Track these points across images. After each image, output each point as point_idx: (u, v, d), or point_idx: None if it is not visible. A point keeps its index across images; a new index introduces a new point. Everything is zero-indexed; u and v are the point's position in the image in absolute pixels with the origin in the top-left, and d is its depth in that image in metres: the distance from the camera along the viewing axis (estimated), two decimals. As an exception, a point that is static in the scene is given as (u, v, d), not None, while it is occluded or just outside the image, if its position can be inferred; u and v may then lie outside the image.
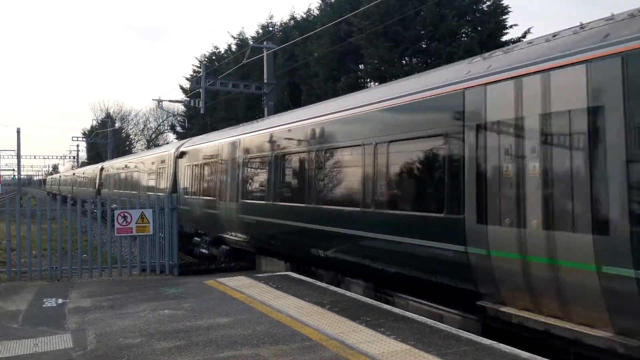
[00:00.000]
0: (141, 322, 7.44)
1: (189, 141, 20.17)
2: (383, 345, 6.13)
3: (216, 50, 49.18)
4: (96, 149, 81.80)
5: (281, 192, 11.80)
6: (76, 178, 52.64)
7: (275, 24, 40.54)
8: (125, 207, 11.52)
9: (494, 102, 6.65)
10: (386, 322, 7.05)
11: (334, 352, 5.93)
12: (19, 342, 6.67)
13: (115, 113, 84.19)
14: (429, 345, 6.04)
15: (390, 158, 8.38)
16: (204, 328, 7.06)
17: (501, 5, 27.92)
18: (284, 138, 11.85)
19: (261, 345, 6.25)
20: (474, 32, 27.20)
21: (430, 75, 8.69)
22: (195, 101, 29.76)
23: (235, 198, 13.85)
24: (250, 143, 13.59)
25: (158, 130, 78.47)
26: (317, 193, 10.27)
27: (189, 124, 46.61)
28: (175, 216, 11.93)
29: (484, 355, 5.70)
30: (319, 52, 31.25)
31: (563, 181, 5.81)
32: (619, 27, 5.60)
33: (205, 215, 16.05)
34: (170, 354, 6.04)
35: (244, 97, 37.82)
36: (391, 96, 8.67)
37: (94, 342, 6.59)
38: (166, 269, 11.67)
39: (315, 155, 10.41)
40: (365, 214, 8.83)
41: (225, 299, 8.79)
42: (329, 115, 10.26)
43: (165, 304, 8.55)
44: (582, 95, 5.64)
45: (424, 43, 28.58)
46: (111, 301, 8.89)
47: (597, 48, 5.60)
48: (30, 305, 8.79)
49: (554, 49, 6.19)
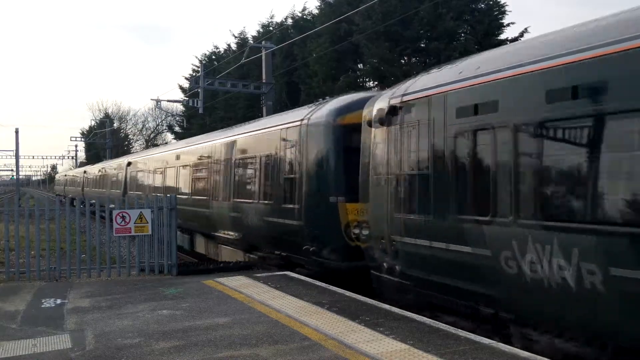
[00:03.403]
0: (140, 323, 7.43)
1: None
2: (382, 344, 6.12)
3: (216, 49, 49.25)
4: (95, 149, 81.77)
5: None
6: (90, 176, 42.69)
7: (276, 23, 40.56)
8: (124, 207, 11.50)
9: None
10: (385, 322, 7.05)
11: (333, 352, 5.93)
12: (18, 343, 6.66)
13: (113, 113, 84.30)
14: (428, 345, 6.04)
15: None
16: (202, 328, 7.05)
17: (498, 3, 27.96)
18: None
19: (260, 345, 6.24)
20: (471, 31, 27.24)
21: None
22: (194, 101, 29.75)
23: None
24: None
25: (157, 130, 78.55)
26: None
27: (187, 124, 46.62)
28: (174, 216, 11.92)
29: (483, 354, 5.70)
30: (318, 52, 31.26)
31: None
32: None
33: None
34: (169, 354, 6.03)
35: (244, 96, 37.82)
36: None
37: (92, 342, 6.58)
38: (165, 269, 11.67)
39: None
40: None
41: (224, 299, 8.78)
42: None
43: (163, 304, 8.54)
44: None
45: (423, 43, 28.64)
46: (110, 301, 8.88)
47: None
48: (29, 305, 8.77)
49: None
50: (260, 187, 13.07)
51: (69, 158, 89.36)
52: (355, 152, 9.79)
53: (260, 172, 13.05)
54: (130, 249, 11.94)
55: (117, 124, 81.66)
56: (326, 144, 10.78)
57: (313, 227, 10.87)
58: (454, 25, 27.03)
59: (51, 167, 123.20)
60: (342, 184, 10.46)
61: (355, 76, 31.73)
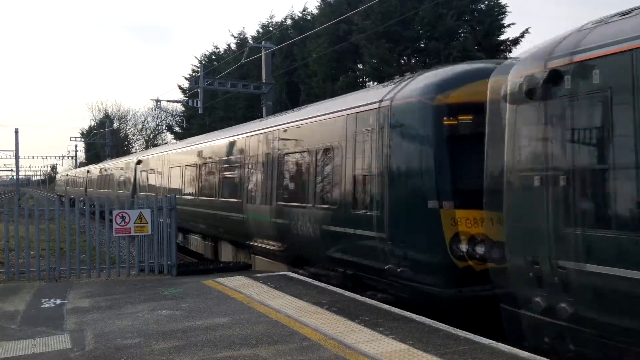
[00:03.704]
0: (139, 323, 7.43)
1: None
2: (382, 344, 6.12)
3: (216, 49, 49.24)
4: (94, 149, 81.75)
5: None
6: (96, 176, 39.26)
7: (276, 23, 40.57)
8: (124, 207, 11.51)
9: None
10: (385, 322, 7.04)
11: (333, 352, 5.93)
12: (17, 343, 6.66)
13: (113, 113, 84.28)
14: (427, 345, 6.04)
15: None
16: (202, 328, 7.05)
17: (499, 4, 27.96)
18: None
19: (260, 345, 6.24)
20: (472, 31, 27.24)
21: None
22: (194, 101, 29.74)
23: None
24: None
25: (156, 130, 78.53)
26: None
27: (187, 124, 46.61)
28: (174, 216, 11.92)
29: (482, 354, 5.70)
30: (318, 52, 31.27)
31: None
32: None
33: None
34: (169, 354, 6.03)
35: (243, 96, 37.82)
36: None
37: (92, 342, 6.58)
38: (164, 269, 11.66)
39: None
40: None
41: (224, 299, 8.78)
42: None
43: (163, 304, 8.54)
44: None
45: (423, 43, 28.64)
46: (109, 301, 8.88)
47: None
48: (29, 305, 8.77)
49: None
50: (317, 187, 10.58)
51: (69, 158, 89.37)
52: (467, 141, 7.61)
53: (316, 170, 10.62)
54: (130, 249, 11.94)
55: (117, 124, 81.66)
56: (423, 130, 8.15)
57: (402, 240, 8.29)
58: (455, 26, 27.03)
59: (51, 167, 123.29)
60: (447, 184, 7.85)
61: (354, 76, 31.75)
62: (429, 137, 8.08)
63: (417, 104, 8.27)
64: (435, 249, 7.76)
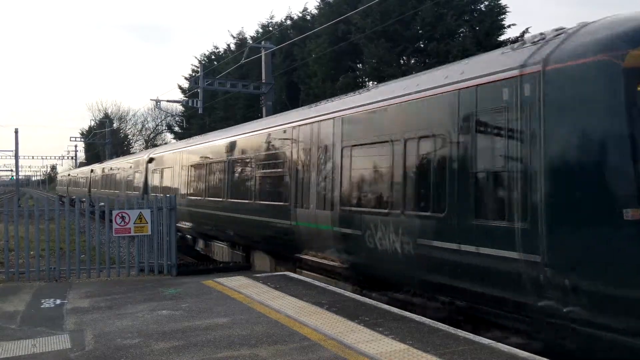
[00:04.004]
0: (139, 323, 7.43)
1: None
2: (381, 344, 6.12)
3: (216, 50, 49.23)
4: (94, 150, 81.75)
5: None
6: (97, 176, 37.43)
7: (275, 23, 40.57)
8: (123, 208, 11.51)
9: None
10: (385, 322, 7.04)
11: (333, 352, 5.93)
12: (17, 343, 6.66)
13: (113, 113, 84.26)
14: (427, 345, 6.04)
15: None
16: (202, 328, 7.05)
17: (499, 4, 27.97)
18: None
19: (259, 346, 6.24)
20: (472, 31, 27.26)
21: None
22: (194, 101, 29.73)
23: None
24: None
25: (156, 130, 78.52)
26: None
27: (187, 124, 46.61)
28: (174, 216, 11.92)
29: (482, 354, 5.70)
30: (317, 52, 31.28)
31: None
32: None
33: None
34: (169, 355, 6.03)
35: (243, 97, 37.80)
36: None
37: (92, 342, 6.58)
38: (164, 269, 11.66)
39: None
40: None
41: (224, 299, 8.78)
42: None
43: (163, 305, 8.54)
44: None
45: (422, 43, 28.64)
46: (109, 302, 8.88)
47: None
48: (28, 306, 8.77)
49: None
50: (407, 189, 8.12)
51: (69, 158, 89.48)
52: None
53: (405, 165, 8.18)
54: (130, 249, 11.94)
55: (117, 124, 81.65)
56: (610, 106, 5.64)
57: (572, 266, 5.82)
58: (455, 26, 27.04)
59: (51, 167, 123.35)
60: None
61: (354, 76, 31.73)
62: (621, 116, 5.57)
63: (597, 65, 5.74)
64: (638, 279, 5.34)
